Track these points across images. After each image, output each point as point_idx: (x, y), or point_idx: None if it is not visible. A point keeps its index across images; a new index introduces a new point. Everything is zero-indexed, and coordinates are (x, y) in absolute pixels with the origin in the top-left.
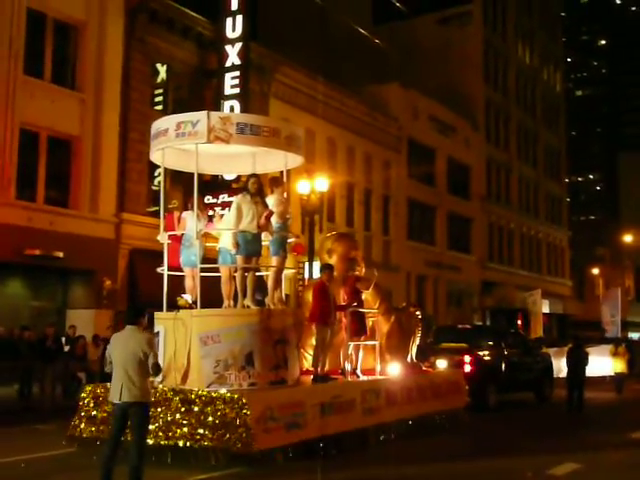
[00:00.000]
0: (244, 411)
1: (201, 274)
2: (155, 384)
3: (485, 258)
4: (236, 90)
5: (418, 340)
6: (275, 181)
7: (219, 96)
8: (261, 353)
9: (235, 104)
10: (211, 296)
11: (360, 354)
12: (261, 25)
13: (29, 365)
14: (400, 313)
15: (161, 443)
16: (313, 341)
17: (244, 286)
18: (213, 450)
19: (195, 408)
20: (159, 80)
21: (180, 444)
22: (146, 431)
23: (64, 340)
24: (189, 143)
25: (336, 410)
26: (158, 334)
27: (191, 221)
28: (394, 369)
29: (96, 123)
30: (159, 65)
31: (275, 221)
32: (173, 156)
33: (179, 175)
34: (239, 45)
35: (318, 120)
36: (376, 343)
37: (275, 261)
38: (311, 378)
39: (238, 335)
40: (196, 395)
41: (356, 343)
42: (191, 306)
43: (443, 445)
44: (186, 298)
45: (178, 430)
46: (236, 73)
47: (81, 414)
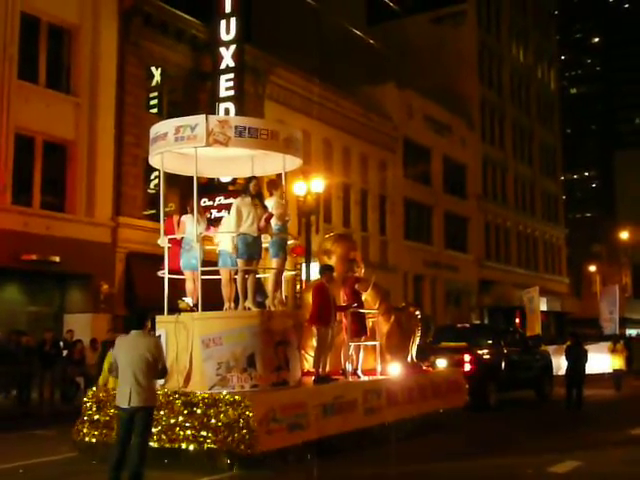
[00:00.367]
0: (247, 413)
1: (201, 277)
2: (157, 387)
3: (482, 257)
4: (231, 92)
5: (418, 340)
6: (274, 183)
7: (214, 98)
8: (263, 355)
9: (230, 106)
10: (211, 299)
11: (361, 354)
12: (255, 27)
13: (27, 370)
14: (400, 313)
15: (165, 446)
16: (313, 342)
17: (245, 288)
18: (216, 452)
19: (198, 410)
20: (154, 83)
21: (183, 447)
22: (149, 435)
23: (62, 345)
24: (188, 147)
25: (338, 410)
26: (160, 337)
27: (191, 224)
28: (395, 369)
29: (91, 127)
30: (153, 68)
31: (274, 223)
32: (172, 160)
33: (175, 178)
34: (233, 47)
35: (313, 121)
36: (376, 343)
37: (275, 263)
38: (312, 379)
39: (240, 337)
40: (199, 397)
41: (357, 343)
42: (192, 309)
43: (444, 444)
44: (187, 301)
45: (181, 433)
46: (231, 75)
47: (84, 418)
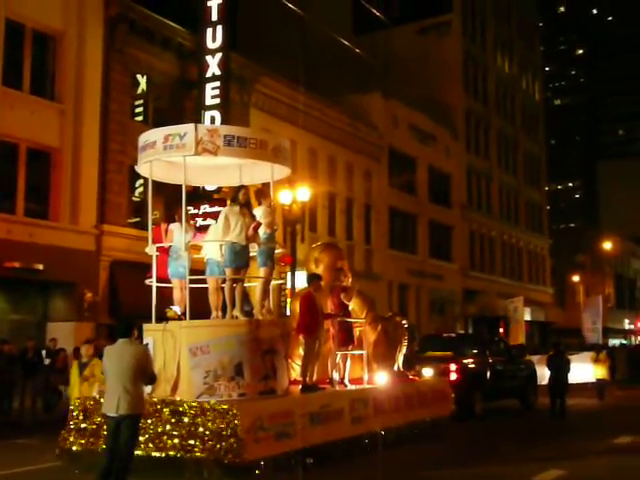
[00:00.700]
0: (234, 421)
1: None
2: (145, 395)
3: (467, 266)
4: (216, 100)
5: (404, 349)
6: (262, 192)
7: (200, 106)
8: (250, 363)
9: (216, 114)
10: (198, 307)
11: (348, 363)
12: (241, 35)
13: (9, 379)
14: (386, 322)
15: (152, 454)
16: (300, 351)
17: (232, 297)
18: (204, 461)
19: (185, 419)
20: (139, 91)
21: (171, 455)
22: (136, 442)
23: (44, 353)
24: (177, 155)
25: (325, 419)
26: (147, 345)
27: (178, 233)
28: (381, 378)
29: (76, 134)
30: (139, 76)
31: (263, 232)
32: (160, 168)
33: (160, 186)
34: (219, 55)
35: (299, 130)
36: (363, 352)
37: (263, 272)
38: (300, 388)
39: (227, 346)
40: (186, 406)
41: (344, 352)
42: (180, 317)
43: (430, 453)
44: (175, 309)
45: (169, 441)
46: (216, 83)
47: (70, 426)
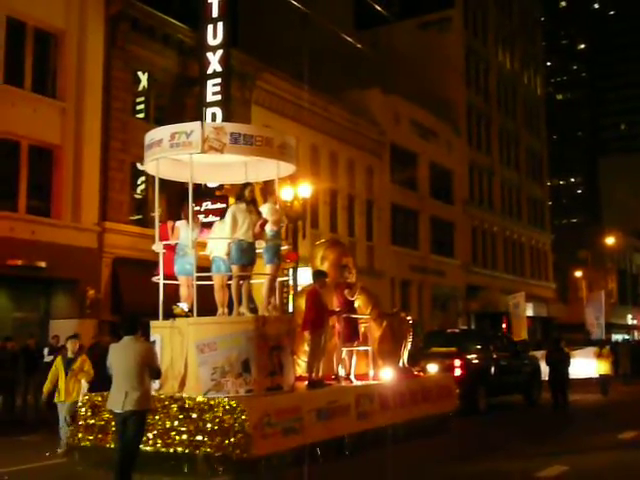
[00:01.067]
0: (242, 417)
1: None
2: (153, 392)
3: (469, 262)
4: (218, 97)
5: (409, 345)
6: (267, 190)
7: (201, 103)
8: (257, 360)
9: (217, 111)
10: (204, 304)
11: (353, 359)
12: (242, 32)
13: (12, 376)
14: (391, 318)
15: (160, 450)
16: (306, 347)
17: (239, 294)
18: (212, 456)
19: (193, 415)
20: (140, 88)
21: (179, 451)
22: (142, 437)
23: (47, 350)
24: (183, 153)
25: (331, 415)
26: (154, 342)
27: (184, 230)
28: (387, 374)
29: (77, 132)
30: (140, 73)
31: (269, 229)
32: (165, 166)
33: (162, 184)
34: (220, 52)
35: (300, 126)
36: (368, 348)
37: (270, 269)
38: (306, 384)
39: (234, 342)
40: (194, 402)
41: (349, 348)
42: (187, 314)
43: (434, 448)
44: (182, 307)
45: (177, 437)
46: (218, 80)
47: (79, 423)
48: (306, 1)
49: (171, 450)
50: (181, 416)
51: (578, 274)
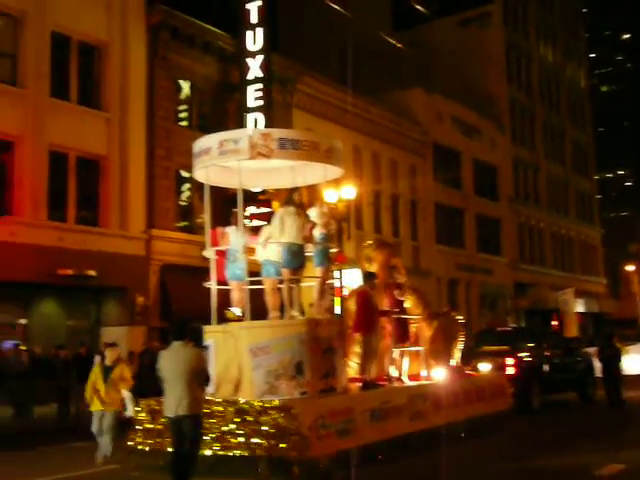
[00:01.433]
0: (298, 419)
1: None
2: (207, 396)
3: (516, 259)
4: (259, 102)
5: (461, 344)
6: (315, 194)
7: (242, 109)
8: (310, 362)
9: (259, 116)
10: (254, 308)
11: (405, 360)
12: (281, 36)
13: (65, 384)
14: (442, 318)
15: (218, 453)
16: (357, 349)
17: (291, 297)
18: (268, 459)
19: (249, 418)
20: (183, 96)
21: (236, 454)
22: (201, 441)
23: (98, 358)
24: (232, 160)
25: (385, 416)
26: (207, 347)
27: (234, 236)
28: (439, 374)
29: (122, 141)
30: (182, 81)
31: (319, 232)
32: (214, 173)
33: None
34: (260, 57)
35: (342, 128)
36: (420, 349)
37: (320, 272)
38: (360, 385)
39: (287, 345)
40: (249, 405)
41: (400, 349)
42: (240, 318)
43: (490, 447)
44: (234, 311)
45: (233, 440)
46: (258, 85)
47: (137, 427)
48: (344, 3)
49: (229, 453)
50: (237, 419)
51: (630, 268)
